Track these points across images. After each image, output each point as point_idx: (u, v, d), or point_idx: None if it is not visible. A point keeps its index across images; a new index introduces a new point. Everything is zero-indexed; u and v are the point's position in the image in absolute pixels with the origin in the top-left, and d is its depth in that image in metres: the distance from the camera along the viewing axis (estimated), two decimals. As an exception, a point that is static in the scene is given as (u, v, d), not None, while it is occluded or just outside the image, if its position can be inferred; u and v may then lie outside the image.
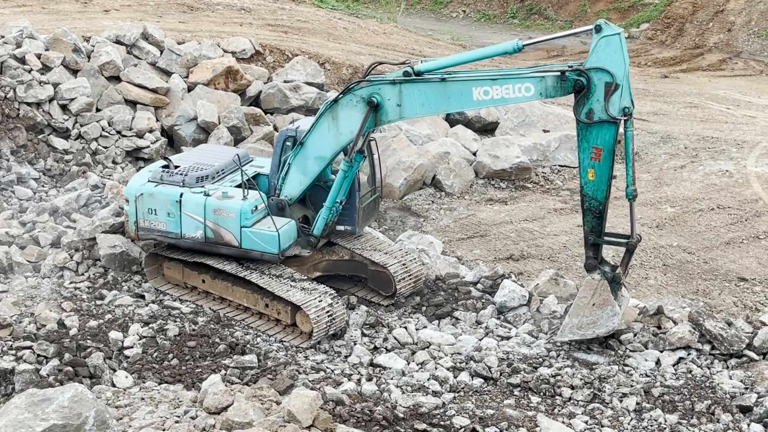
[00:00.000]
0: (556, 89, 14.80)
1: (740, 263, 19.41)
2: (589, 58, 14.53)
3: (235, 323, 16.73)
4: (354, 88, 16.08)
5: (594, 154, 14.75)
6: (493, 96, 15.19)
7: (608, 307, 15.37)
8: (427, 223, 21.42)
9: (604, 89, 14.41)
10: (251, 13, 32.67)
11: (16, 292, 17.35)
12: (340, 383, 14.80)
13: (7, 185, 21.30)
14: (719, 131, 27.73)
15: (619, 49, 14.34)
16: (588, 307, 15.43)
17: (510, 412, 13.96)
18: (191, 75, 25.41)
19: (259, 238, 16.59)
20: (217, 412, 11.76)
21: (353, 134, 16.20)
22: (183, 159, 18.17)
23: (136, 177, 17.98)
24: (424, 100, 15.60)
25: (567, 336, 15.66)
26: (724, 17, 41.48)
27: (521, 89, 14.97)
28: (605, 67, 14.37)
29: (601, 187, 14.96)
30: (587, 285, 15.50)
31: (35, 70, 23.19)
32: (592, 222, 15.28)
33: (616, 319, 15.40)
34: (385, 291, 17.47)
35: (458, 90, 15.37)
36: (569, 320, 15.65)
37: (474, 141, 24.88)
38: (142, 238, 17.57)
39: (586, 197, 15.13)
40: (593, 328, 15.45)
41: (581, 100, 14.63)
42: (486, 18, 46.90)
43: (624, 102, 14.51)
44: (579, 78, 14.51)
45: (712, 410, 14.20)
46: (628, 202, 15.28)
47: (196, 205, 16.81)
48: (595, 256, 15.49)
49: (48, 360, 14.88)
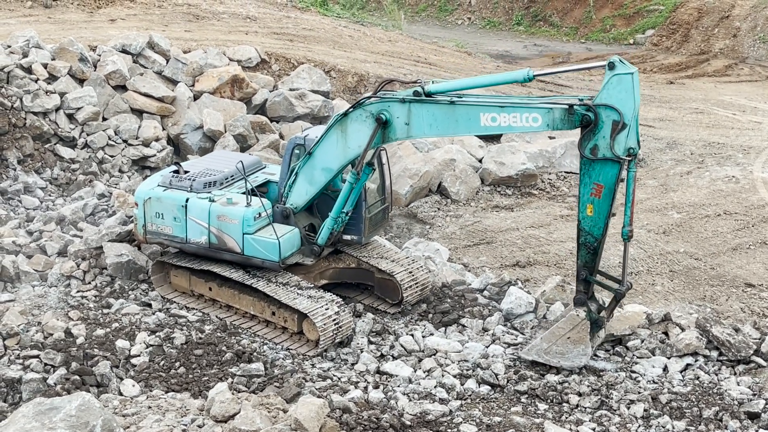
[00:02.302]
0: (564, 122, 14.74)
1: (747, 269, 19.37)
2: (600, 94, 14.46)
3: (242, 331, 16.73)
4: (364, 103, 16.17)
5: (594, 191, 14.73)
6: (500, 123, 15.19)
7: (581, 346, 15.44)
8: (433, 231, 21.41)
9: (611, 127, 14.35)
10: (257, 22, 32.76)
11: (23, 301, 17.38)
12: (347, 391, 14.79)
13: (14, 194, 21.36)
14: (725, 137, 27.69)
15: (630, 89, 14.25)
16: (562, 338, 15.49)
17: (517, 420, 13.94)
18: (197, 84, 25.47)
19: (261, 246, 16.62)
20: (224, 421, 11.77)
21: (361, 148, 16.30)
22: (194, 165, 18.30)
23: (146, 181, 18.18)
24: (432, 121, 15.66)
25: (532, 356, 15.66)
26: (729, 23, 41.45)
27: (528, 119, 14.97)
28: (614, 105, 14.28)
29: (599, 224, 14.93)
30: (570, 319, 15.51)
31: (42, 79, 23.27)
32: (586, 257, 15.25)
33: (585, 359, 15.48)
34: (392, 299, 17.47)
35: (466, 114, 15.41)
36: (540, 343, 15.67)
37: (480, 148, 24.88)
38: (150, 241, 17.68)
39: (582, 232, 15.10)
40: (560, 359, 15.51)
41: (587, 135, 14.57)
42: (491, 25, 46.93)
43: (630, 142, 14.43)
44: (587, 113, 14.44)
45: (719, 417, 14.17)
46: (623, 243, 15.25)
47: (201, 210, 16.87)
48: (585, 291, 15.48)
49: (55, 369, 14.90)
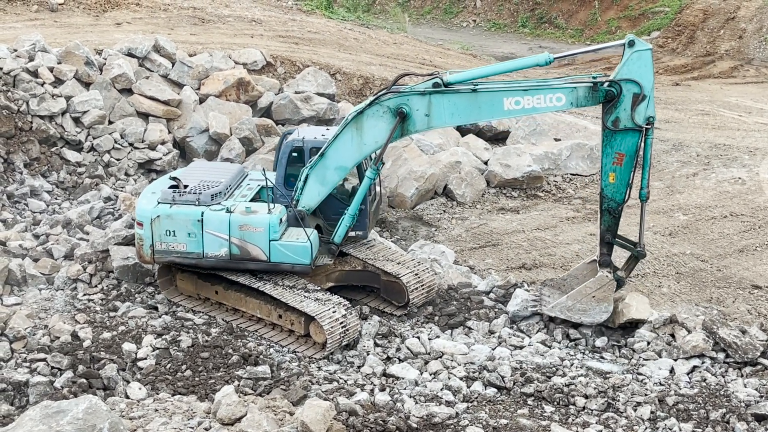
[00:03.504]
0: (588, 99, 15.83)
1: (754, 270, 19.33)
2: (620, 69, 15.58)
3: (248, 334, 16.75)
4: (381, 98, 16.24)
5: (617, 159, 15.91)
6: (524, 106, 16.00)
7: (604, 304, 16.51)
8: (438, 233, 21.40)
9: (632, 99, 15.57)
10: (262, 25, 32.77)
11: (30, 305, 17.42)
12: (353, 393, 14.79)
13: (20, 198, 21.41)
14: (731, 138, 27.64)
15: (649, 64, 15.49)
16: (588, 297, 16.49)
17: (524, 422, 13.94)
18: (203, 87, 25.49)
19: (290, 251, 16.55)
20: (230, 423, 11.79)
21: (377, 144, 16.56)
22: (186, 178, 17.72)
23: (143, 199, 17.41)
24: (454, 110, 16.17)
25: (555, 312, 16.77)
26: (735, 24, 41.37)
27: (552, 99, 15.88)
28: (635, 79, 15.52)
29: (621, 190, 16.09)
30: (599, 279, 16.45)
31: (48, 83, 23.33)
32: (609, 221, 16.34)
33: (606, 315, 16.60)
34: (398, 301, 17.48)
35: (489, 100, 16.02)
36: (565, 301, 16.65)
37: (485, 150, 24.86)
38: (159, 261, 17.22)
39: (605, 199, 16.20)
40: (581, 315, 16.64)
41: (609, 109, 15.68)
42: (496, 27, 46.89)
43: (649, 111, 15.65)
44: (610, 88, 15.56)
45: (726, 419, 14.15)
46: (641, 204, 16.31)
47: (220, 222, 16.63)
48: (608, 253, 16.58)
49: (62, 372, 14.94)
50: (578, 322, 16.68)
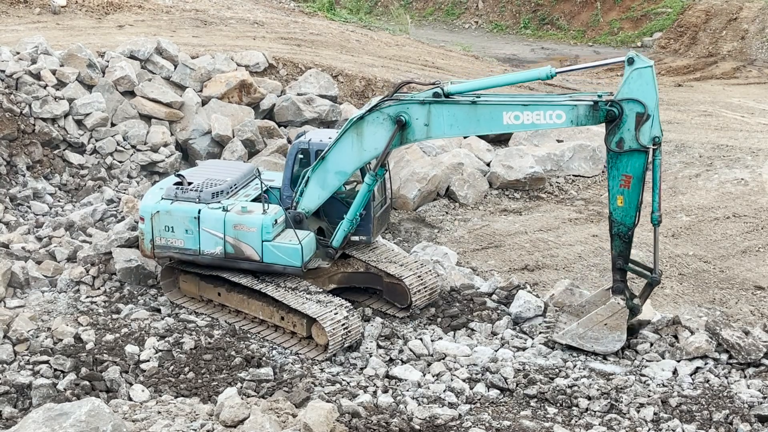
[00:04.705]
0: (588, 118, 15.30)
1: (757, 271, 19.32)
2: (622, 89, 15.02)
3: (251, 336, 16.75)
4: (381, 105, 16.21)
5: (623, 182, 15.32)
6: (524, 121, 15.55)
7: (617, 332, 15.96)
8: (441, 234, 21.40)
9: (635, 119, 14.96)
10: (264, 27, 32.79)
11: (33, 307, 17.43)
12: (356, 395, 14.79)
13: (23, 200, 21.42)
14: (734, 139, 27.61)
15: (651, 81, 14.94)
16: (600, 324, 15.95)
17: (527, 424, 13.93)
18: (205, 89, 25.51)
19: (282, 252, 16.59)
20: (233, 425, 11.79)
21: (377, 151, 16.41)
22: (194, 175, 18.07)
23: (149, 195, 17.85)
24: (453, 122, 15.90)
25: (566, 340, 16.27)
26: (737, 25, 41.34)
27: (552, 116, 15.39)
28: (638, 98, 14.93)
29: (630, 213, 15.52)
30: (610, 306, 15.94)
31: (50, 85, 23.34)
32: (620, 247, 15.81)
33: (619, 345, 16.01)
34: (401, 303, 17.47)
35: (488, 113, 15.69)
36: (576, 328, 16.13)
37: (487, 151, 24.85)
38: (159, 255, 17.45)
39: (614, 223, 15.66)
40: (593, 344, 16.05)
41: (612, 130, 15.10)
42: (498, 29, 46.87)
43: (654, 131, 15.06)
44: (611, 108, 14.99)
45: (730, 420, 14.13)
46: (653, 228, 15.68)
47: (215, 220, 16.76)
48: (622, 280, 16.04)
49: (65, 374, 14.94)
50: (590, 350, 16.07)
